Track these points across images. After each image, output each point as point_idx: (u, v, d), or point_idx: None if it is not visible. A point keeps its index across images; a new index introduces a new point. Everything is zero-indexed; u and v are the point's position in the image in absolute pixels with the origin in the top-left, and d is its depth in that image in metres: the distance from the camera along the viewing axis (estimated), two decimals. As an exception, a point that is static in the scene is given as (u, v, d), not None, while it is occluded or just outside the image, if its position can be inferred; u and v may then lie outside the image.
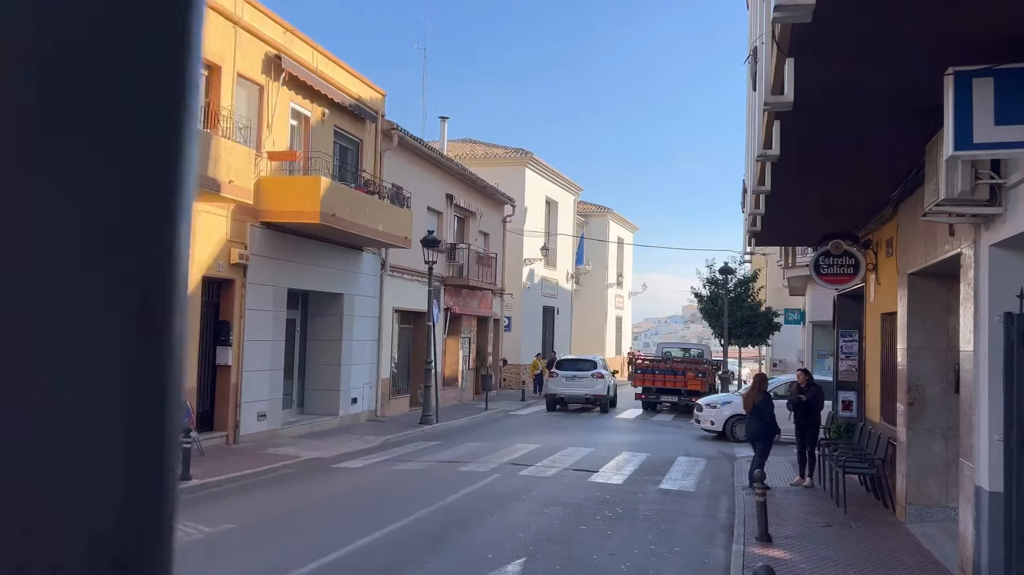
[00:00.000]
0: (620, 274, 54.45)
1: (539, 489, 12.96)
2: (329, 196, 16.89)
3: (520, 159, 37.10)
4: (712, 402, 21.56)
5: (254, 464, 14.19)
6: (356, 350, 21.09)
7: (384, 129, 22.24)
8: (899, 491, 10.89)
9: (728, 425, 20.52)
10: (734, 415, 19.94)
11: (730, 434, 20.22)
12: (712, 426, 20.84)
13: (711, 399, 22.04)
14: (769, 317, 32.55)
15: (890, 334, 12.32)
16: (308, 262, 18.76)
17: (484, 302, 31.34)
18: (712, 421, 20.85)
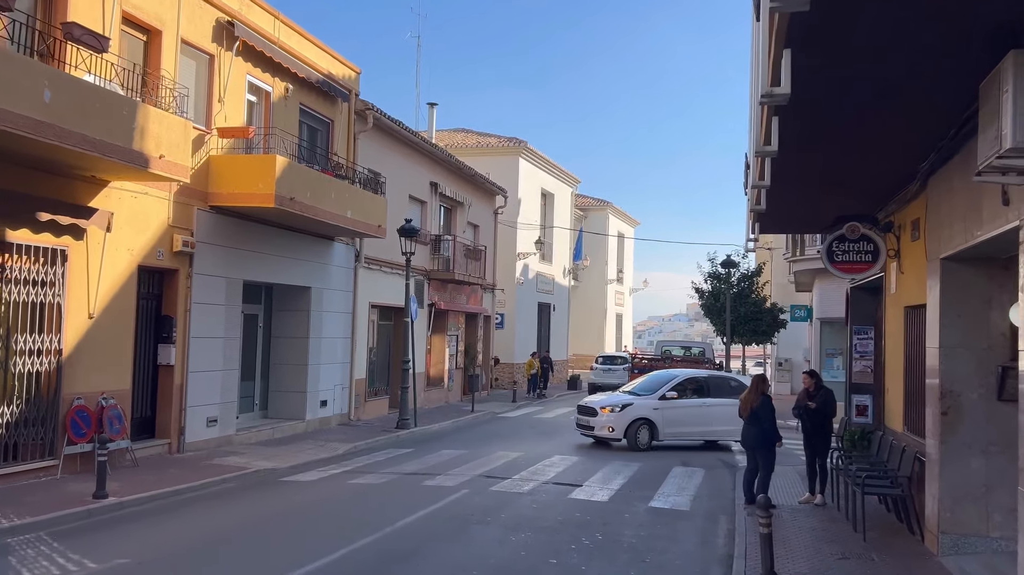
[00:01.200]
0: (620, 270, 52.75)
1: (510, 509, 11.27)
2: (286, 177, 15.21)
3: (513, 148, 35.38)
4: (610, 403, 18.22)
5: (192, 477, 12.54)
6: (326, 348, 19.42)
7: (358, 109, 20.55)
8: (930, 516, 9.18)
9: (631, 431, 17.67)
10: (638, 419, 17.67)
11: (633, 442, 17.58)
12: (611, 433, 17.77)
13: (608, 399, 18.66)
14: (774, 313, 30.80)
15: (916, 330, 10.60)
16: (269, 252, 17.09)
17: (473, 298, 29.66)
18: (611, 427, 17.72)
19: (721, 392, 18.51)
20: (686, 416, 18.14)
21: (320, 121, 19.44)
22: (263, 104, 17.17)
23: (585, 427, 18.31)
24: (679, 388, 18.40)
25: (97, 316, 12.66)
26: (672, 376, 19.13)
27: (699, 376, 19.30)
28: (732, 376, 20.05)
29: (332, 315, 19.67)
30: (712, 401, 18.34)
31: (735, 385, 18.68)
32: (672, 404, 18.05)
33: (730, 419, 17.25)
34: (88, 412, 12.35)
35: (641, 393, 18.48)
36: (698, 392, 18.53)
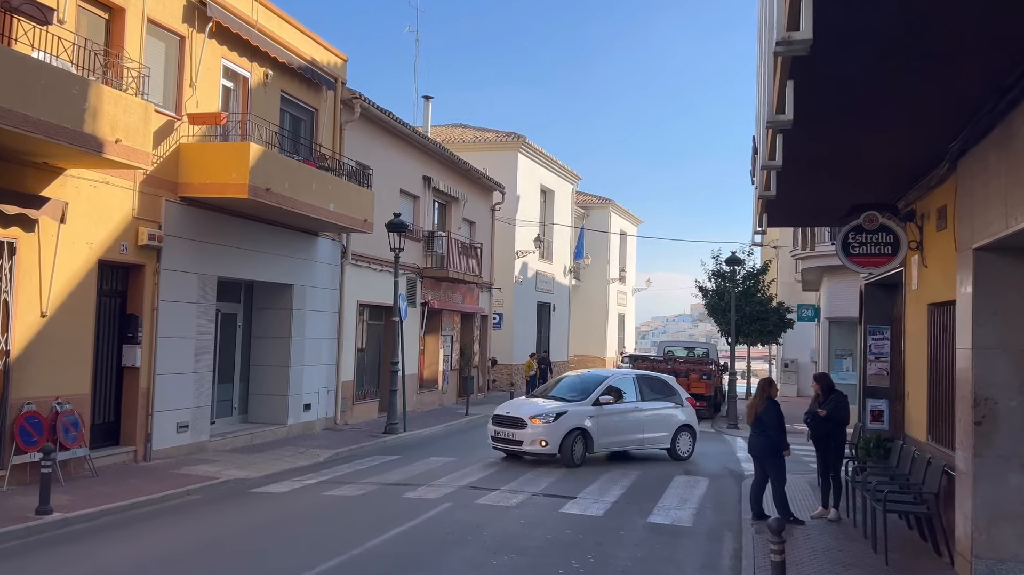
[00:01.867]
0: (623, 269, 51.70)
1: (494, 525, 10.28)
2: (262, 167, 14.24)
3: (512, 143, 34.38)
4: (541, 412, 15.34)
5: (153, 488, 11.58)
6: (310, 349, 18.46)
7: (345, 98, 19.59)
8: (961, 538, 8.18)
9: (567, 444, 15.04)
10: (574, 429, 15.14)
11: (568, 457, 15.01)
12: (543, 447, 15.00)
13: (538, 408, 15.62)
14: (781, 312, 29.75)
15: (942, 330, 9.61)
16: (247, 247, 16.13)
17: (469, 297, 28.68)
18: (543, 440, 14.99)
19: (655, 394, 16.87)
20: (621, 423, 15.99)
21: (304, 110, 18.48)
22: (240, 90, 16.21)
23: (506, 442, 15.44)
24: (613, 391, 16.18)
25: (51, 314, 11.70)
26: (602, 377, 16.72)
27: (630, 376, 17.21)
28: (664, 377, 18.07)
29: (316, 314, 18.70)
30: (646, 405, 16.46)
31: (668, 387, 17.34)
32: (607, 410, 15.75)
33: (664, 424, 16.61)
34: (40, 418, 11.39)
35: (571, 398, 15.91)
36: (630, 395, 16.48)
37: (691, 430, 17.06)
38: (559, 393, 16.45)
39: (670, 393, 17.20)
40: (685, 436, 16.91)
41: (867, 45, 5.71)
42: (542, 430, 15.04)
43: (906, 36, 5.56)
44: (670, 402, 16.90)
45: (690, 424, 17.05)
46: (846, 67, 6.05)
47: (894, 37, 5.59)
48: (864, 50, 5.83)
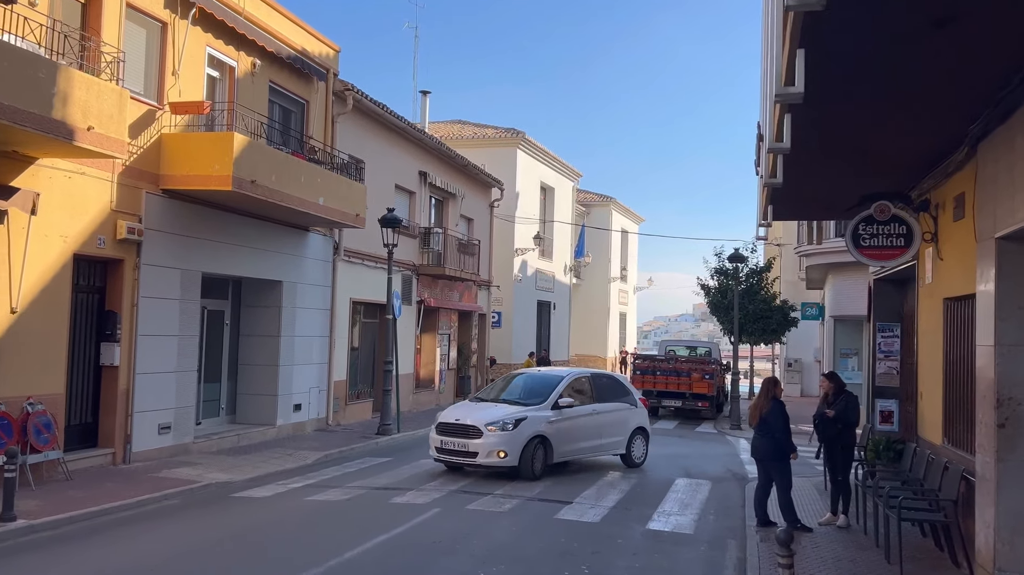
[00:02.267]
0: (624, 268, 51.13)
1: (485, 533, 9.74)
2: (247, 158, 13.70)
3: (511, 139, 33.81)
4: (498, 419, 13.40)
5: (128, 493, 11.05)
6: (300, 348, 17.92)
7: (337, 90, 19.05)
8: (982, 549, 7.61)
9: (527, 454, 13.27)
10: (534, 437, 13.39)
11: (528, 469, 13.25)
12: (501, 459, 13.12)
13: (492, 413, 13.62)
14: (785, 311, 29.18)
15: (959, 326, 9.05)
16: (234, 242, 15.59)
17: (467, 295, 28.13)
18: (503, 451, 13.12)
19: (610, 395, 15.38)
20: (581, 428, 14.39)
21: (294, 101, 17.95)
22: (227, 80, 15.67)
23: (455, 453, 13.52)
24: (572, 392, 14.61)
25: (21, 310, 11.17)
26: (559, 377, 14.96)
27: (585, 376, 15.55)
28: (617, 375, 16.73)
29: (307, 312, 18.16)
30: (602, 407, 14.92)
31: (622, 386, 16.04)
32: (567, 414, 14.08)
33: (620, 428, 15.19)
34: (9, 419, 10.85)
35: (528, 401, 14.10)
36: (586, 396, 14.93)
37: (645, 433, 15.76)
38: (512, 395, 14.56)
39: (624, 393, 15.80)
40: (639, 440, 15.55)
41: (879, 17, 5.17)
42: (500, 439, 13.17)
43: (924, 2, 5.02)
44: (624, 403, 15.51)
45: (644, 427, 15.76)
46: (857, 34, 5.50)
47: (911, 4, 5.06)
48: (879, 20, 5.30)
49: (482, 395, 15.45)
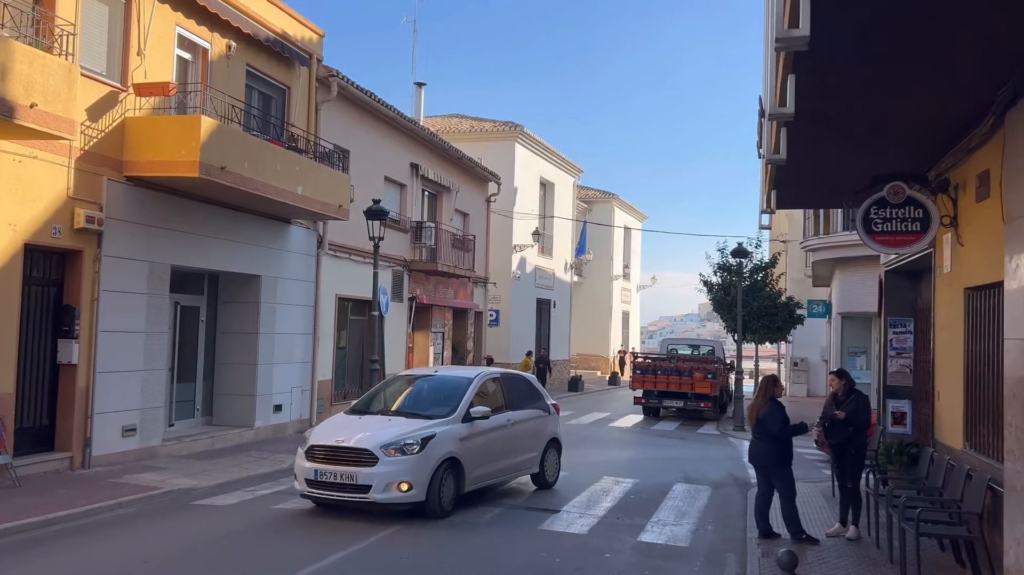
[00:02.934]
0: (627, 265, 50.27)
1: (459, 547, 8.88)
2: (216, 143, 12.87)
3: (509, 132, 32.95)
4: (397, 439, 9.99)
5: (81, 501, 10.21)
6: (281, 346, 17.07)
7: (320, 76, 18.20)
8: (1011, 567, 6.73)
9: (435, 483, 9.93)
10: (445, 460, 10.10)
11: (436, 503, 9.95)
12: (405, 493, 9.72)
13: (392, 433, 10.15)
14: (791, 307, 28.24)
15: (983, 318, 8.16)
16: (207, 233, 14.76)
17: (462, 292, 27.28)
18: (406, 482, 9.70)
19: (521, 401, 12.37)
20: (497, 445, 11.31)
21: (274, 87, 17.11)
22: (200, 62, 14.84)
23: (339, 488, 9.88)
24: (485, 399, 11.52)
25: (-36, 304, 10.35)
26: (466, 379, 11.57)
27: (494, 377, 12.24)
28: (527, 376, 13.70)
29: (288, 308, 17.32)
30: (516, 416, 11.95)
31: (534, 389, 13.05)
32: (481, 428, 10.94)
33: (534, 441, 12.28)
34: (-51, 422, 10.05)
35: (432, 413, 10.75)
36: (497, 403, 11.78)
37: (558, 446, 13.09)
38: (409, 405, 11.29)
39: (536, 397, 12.91)
40: (553, 455, 12.82)
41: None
42: (403, 466, 9.70)
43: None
44: (538, 409, 12.67)
45: (558, 438, 13.12)
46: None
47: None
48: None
49: (363, 405, 11.69)
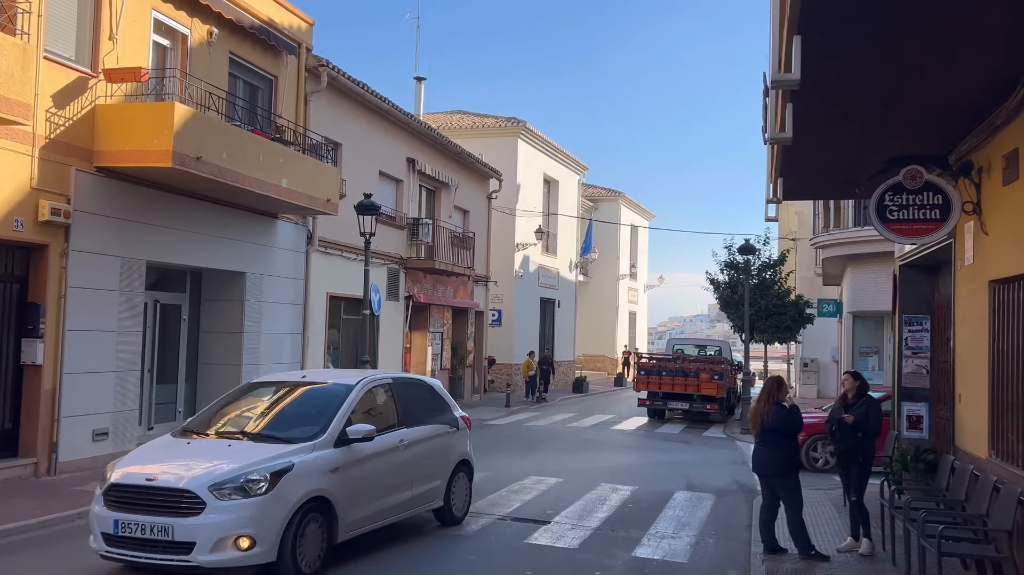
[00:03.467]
0: (633, 265, 49.49)
1: (436, 563, 8.17)
2: (191, 131, 12.21)
3: (511, 128, 32.22)
4: (236, 475, 7.07)
5: (39, 511, 9.56)
6: (267, 346, 16.40)
7: (310, 66, 17.53)
8: (1046, 594, 6.00)
9: (290, 536, 7.13)
10: (307, 501, 7.33)
11: (293, 564, 7.14)
12: (246, 552, 6.89)
13: (228, 468, 7.15)
14: (800, 306, 27.41)
15: (1011, 313, 7.41)
16: (186, 228, 14.09)
17: (462, 291, 26.58)
18: (244, 538, 6.89)
19: (419, 413, 9.33)
20: (386, 476, 8.45)
21: (260, 77, 16.44)
22: (179, 49, 14.18)
23: (147, 546, 6.96)
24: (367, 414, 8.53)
25: (-86, 301, 9.71)
26: (344, 388, 8.51)
27: (384, 383, 9.16)
28: (427, 380, 10.55)
29: (275, 307, 16.65)
30: (413, 434, 8.97)
31: (437, 397, 9.99)
32: (362, 454, 8.06)
33: (438, 466, 9.31)
34: None
35: (292, 435, 7.87)
36: (387, 418, 8.83)
37: (469, 469, 10.17)
38: (262, 425, 8.27)
39: (441, 408, 9.89)
40: (462, 480, 9.93)
41: None
42: (242, 514, 6.89)
43: None
44: (443, 424, 9.66)
45: (468, 459, 10.14)
46: None
47: None
48: None
49: (199, 424, 8.55)
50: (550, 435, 19.72)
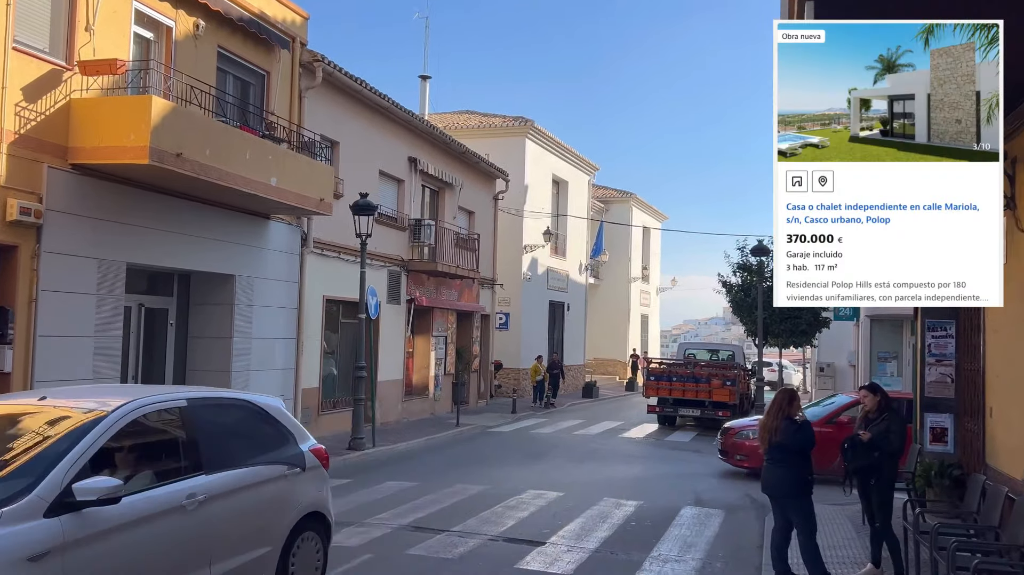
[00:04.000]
0: (646, 267, 48.65)
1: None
2: (170, 126, 11.59)
3: (519, 128, 31.53)
4: None
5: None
6: (259, 351, 15.77)
7: (304, 61, 16.91)
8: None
9: None
10: None
11: None
12: None
13: None
14: (815, 310, 26.61)
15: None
16: (170, 229, 13.48)
17: (467, 294, 25.91)
18: None
19: (236, 451, 6.36)
20: (155, 555, 5.34)
21: (251, 72, 15.83)
22: (163, 42, 13.58)
23: None
24: (121, 458, 5.48)
25: None
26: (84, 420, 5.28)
27: (171, 406, 6.02)
28: (258, 401, 7.04)
29: (268, 310, 16.02)
30: (216, 484, 5.90)
31: (273, 424, 6.91)
32: (104, 524, 4.93)
33: (265, 524, 6.34)
34: None
35: None
36: (169, 461, 5.86)
37: (323, 525, 7.13)
38: None
39: (274, 442, 6.83)
40: (311, 544, 6.90)
41: None
42: None
43: None
44: (276, 464, 6.65)
45: (323, 512, 7.13)
46: None
47: None
48: None
49: None
50: (555, 443, 19.00)
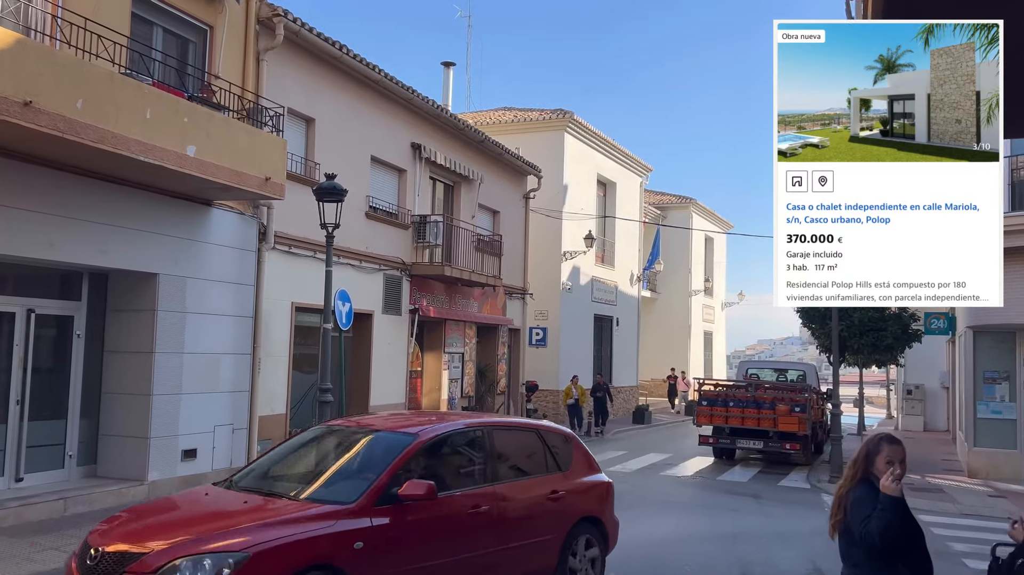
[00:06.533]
0: (708, 279, 44.60)
1: None
2: (15, 66, 8.60)
3: (557, 121, 28.07)
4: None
5: None
6: (195, 370, 12.67)
7: (262, 16, 13.90)
8: None
9: None
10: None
11: None
12: None
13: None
14: (904, 320, 22.39)
15: None
16: (62, 213, 10.50)
17: (490, 304, 22.56)
18: None
19: None
20: None
21: (188, 25, 12.85)
22: (51, -23, 10.66)
23: None
24: None
25: None
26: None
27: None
28: None
29: (207, 319, 12.93)
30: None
31: None
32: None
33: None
34: None
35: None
36: None
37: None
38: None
39: None
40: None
41: None
42: None
43: None
44: None
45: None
46: None
47: None
48: None
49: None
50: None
